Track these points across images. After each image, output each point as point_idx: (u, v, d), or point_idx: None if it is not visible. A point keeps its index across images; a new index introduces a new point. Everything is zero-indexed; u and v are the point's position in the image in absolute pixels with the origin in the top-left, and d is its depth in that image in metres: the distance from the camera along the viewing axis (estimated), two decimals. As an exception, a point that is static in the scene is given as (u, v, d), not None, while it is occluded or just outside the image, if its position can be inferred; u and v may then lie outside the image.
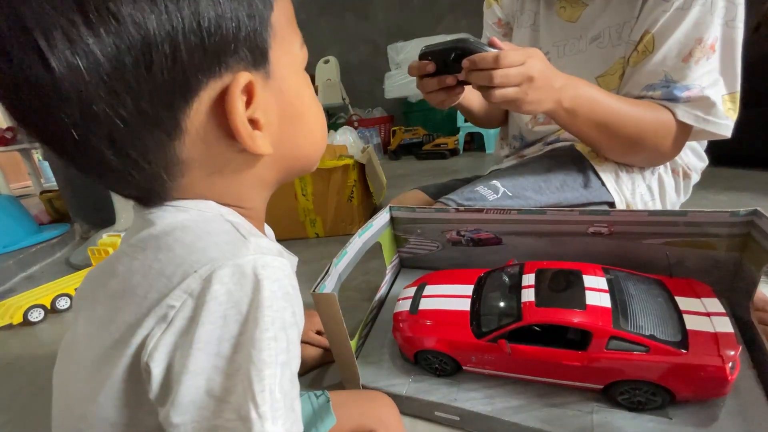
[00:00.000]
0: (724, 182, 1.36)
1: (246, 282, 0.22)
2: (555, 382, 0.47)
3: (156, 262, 0.23)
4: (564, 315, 0.43)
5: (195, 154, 0.24)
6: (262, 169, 0.28)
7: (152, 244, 0.24)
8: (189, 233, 0.24)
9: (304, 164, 0.31)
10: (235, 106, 0.23)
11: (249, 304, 0.22)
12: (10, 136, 2.39)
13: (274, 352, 0.21)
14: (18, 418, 0.66)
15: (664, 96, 0.60)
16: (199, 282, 0.22)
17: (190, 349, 0.21)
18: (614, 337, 0.41)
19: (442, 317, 0.52)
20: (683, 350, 0.40)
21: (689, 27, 0.56)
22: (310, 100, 0.30)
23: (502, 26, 0.86)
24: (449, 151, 2.63)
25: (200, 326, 0.21)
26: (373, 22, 3.47)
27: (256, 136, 0.25)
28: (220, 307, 0.21)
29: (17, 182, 3.99)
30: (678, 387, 0.41)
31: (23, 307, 0.97)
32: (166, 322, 0.22)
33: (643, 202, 0.69)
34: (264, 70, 0.25)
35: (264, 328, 0.21)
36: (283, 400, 0.22)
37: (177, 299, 0.22)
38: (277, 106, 0.26)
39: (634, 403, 0.43)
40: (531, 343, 0.45)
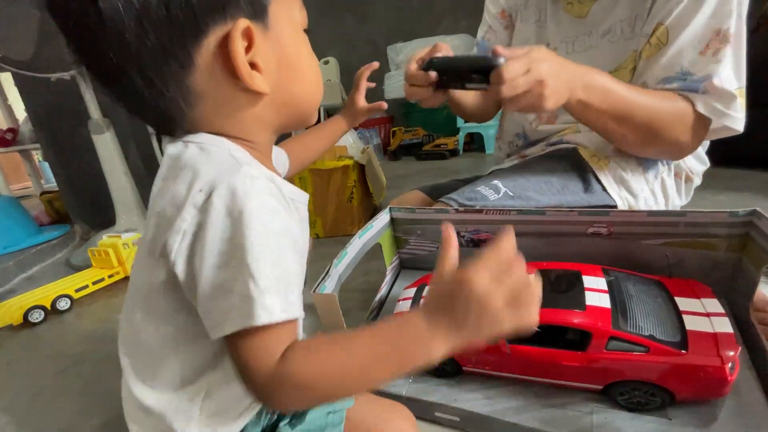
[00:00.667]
0: (724, 182, 1.36)
1: (237, 196, 0.27)
2: (554, 383, 0.47)
3: (174, 186, 0.29)
4: (564, 316, 0.43)
5: (205, 87, 0.29)
6: (263, 108, 0.32)
7: (171, 174, 0.30)
8: (196, 161, 0.29)
9: (301, 112, 0.35)
10: (236, 47, 0.28)
11: (241, 213, 0.26)
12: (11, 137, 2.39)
13: (266, 249, 0.27)
14: (19, 419, 0.66)
15: (682, 88, 0.58)
16: (202, 197, 0.27)
17: (202, 252, 0.27)
18: (614, 337, 0.41)
19: None
20: (683, 351, 0.40)
21: (706, 18, 0.55)
22: (307, 56, 0.34)
23: (504, 18, 0.84)
24: (449, 151, 2.63)
25: (206, 232, 0.26)
26: (373, 23, 3.47)
27: (254, 76, 0.29)
28: (219, 216, 0.27)
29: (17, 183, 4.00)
30: (677, 387, 0.41)
31: (23, 307, 0.97)
32: (180, 234, 0.27)
33: (646, 206, 0.68)
34: (263, 23, 0.30)
35: (256, 230, 0.26)
36: (277, 285, 0.27)
37: (188, 213, 0.27)
38: (275, 55, 0.31)
39: (633, 404, 0.43)
40: (530, 344, 0.45)
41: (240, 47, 0.28)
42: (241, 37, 0.28)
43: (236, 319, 0.26)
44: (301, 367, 0.27)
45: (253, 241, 0.26)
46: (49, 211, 2.14)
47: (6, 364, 0.84)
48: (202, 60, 0.28)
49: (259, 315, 0.26)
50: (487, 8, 0.86)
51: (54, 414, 0.66)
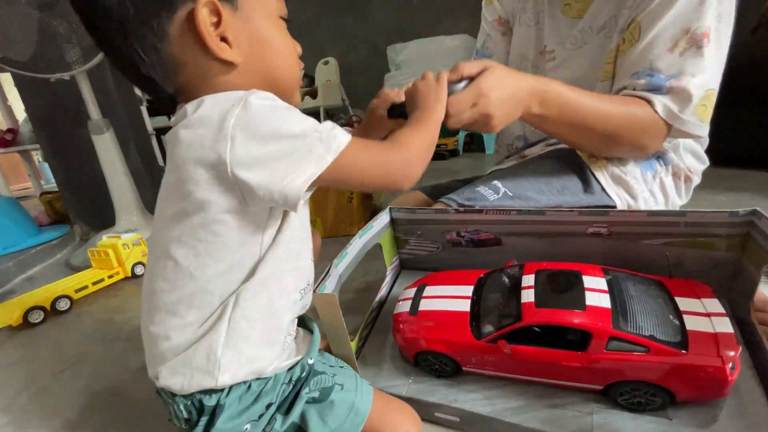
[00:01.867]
0: (724, 182, 1.36)
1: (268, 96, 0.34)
2: (555, 383, 0.47)
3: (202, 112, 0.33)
4: (563, 316, 0.43)
5: (183, 57, 0.35)
6: (239, 77, 0.37)
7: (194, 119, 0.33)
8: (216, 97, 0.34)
9: (279, 83, 0.39)
10: (201, 20, 0.33)
11: (275, 103, 0.34)
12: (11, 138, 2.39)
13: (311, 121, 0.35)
14: (18, 419, 0.66)
15: (648, 85, 0.58)
16: (240, 106, 0.32)
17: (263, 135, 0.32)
18: (614, 337, 0.41)
19: (441, 318, 0.52)
20: (683, 351, 0.40)
21: (676, 16, 0.56)
22: (280, 35, 0.39)
23: (501, 24, 0.86)
24: (449, 151, 2.63)
25: (260, 126, 0.32)
26: (373, 23, 3.48)
27: (223, 48, 0.34)
28: (264, 110, 0.33)
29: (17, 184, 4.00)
30: (678, 388, 0.41)
31: (23, 308, 0.97)
32: (228, 141, 0.31)
33: (646, 207, 0.68)
34: (231, 4, 0.35)
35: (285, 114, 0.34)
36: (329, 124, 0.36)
37: (229, 120, 0.31)
38: (247, 31, 0.36)
39: (634, 404, 0.43)
40: (531, 344, 0.45)
41: (206, 21, 0.33)
42: (209, 12, 0.33)
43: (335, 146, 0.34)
44: (413, 142, 0.42)
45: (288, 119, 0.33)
46: (49, 211, 2.13)
47: (6, 364, 0.84)
48: (176, 32, 0.33)
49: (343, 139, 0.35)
50: (484, 17, 0.88)
51: (54, 414, 0.66)
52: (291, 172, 0.33)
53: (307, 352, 0.42)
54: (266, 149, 0.32)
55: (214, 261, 0.35)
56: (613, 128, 0.59)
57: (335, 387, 0.41)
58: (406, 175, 0.40)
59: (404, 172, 0.40)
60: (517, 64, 0.82)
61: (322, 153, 0.34)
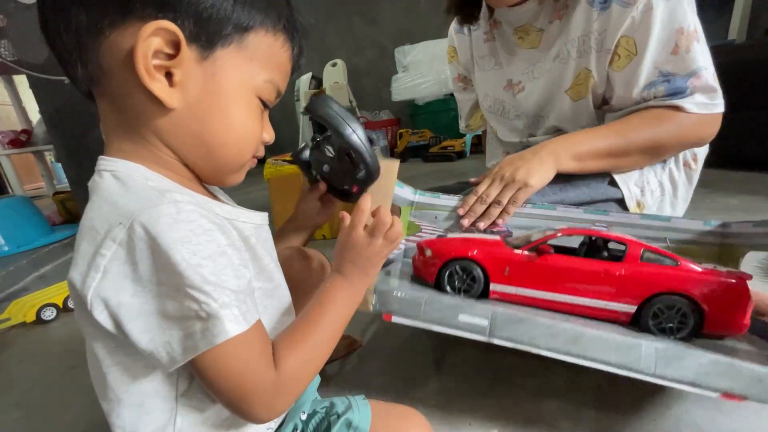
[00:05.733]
0: (736, 185, 1.33)
1: (163, 226, 0.26)
2: (590, 306, 0.46)
3: (89, 221, 0.28)
4: (599, 232, 0.47)
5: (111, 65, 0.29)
6: (165, 124, 0.30)
7: (90, 206, 0.29)
8: (113, 194, 0.28)
9: (214, 157, 0.33)
10: (142, 38, 0.27)
11: (169, 242, 0.25)
12: (25, 139, 2.44)
13: (202, 274, 0.26)
14: (31, 413, 0.68)
15: (669, 90, 0.59)
16: (124, 231, 0.26)
17: (136, 288, 0.26)
18: (647, 250, 0.45)
19: (474, 240, 0.52)
20: (706, 273, 0.43)
21: (664, 23, 0.57)
22: (243, 113, 0.33)
23: (461, 80, 0.93)
24: (456, 153, 2.63)
25: (138, 265, 0.26)
26: (380, 26, 3.49)
27: (156, 78, 0.28)
28: (148, 249, 0.26)
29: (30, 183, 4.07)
30: (707, 301, 0.42)
31: (36, 305, 0.99)
32: (99, 272, 0.26)
33: (653, 199, 0.68)
34: (202, 51, 0.29)
35: (188, 257, 0.26)
36: (232, 295, 0.27)
37: (107, 248, 0.26)
38: (204, 86, 0.30)
39: (665, 330, 0.44)
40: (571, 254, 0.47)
41: (147, 42, 0.27)
42: (163, 41, 0.28)
43: (208, 339, 0.26)
44: (292, 363, 0.31)
45: (188, 269, 0.25)
46: (61, 211, 2.17)
47: (19, 360, 0.86)
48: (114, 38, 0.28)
49: (229, 330, 0.26)
50: (451, 73, 0.95)
51: (65, 408, 0.67)
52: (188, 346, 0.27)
53: (296, 406, 0.39)
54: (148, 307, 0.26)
55: None
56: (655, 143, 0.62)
57: (331, 420, 0.39)
58: (271, 408, 0.30)
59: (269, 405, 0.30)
60: (488, 105, 0.85)
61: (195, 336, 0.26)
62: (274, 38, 0.33)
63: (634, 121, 0.62)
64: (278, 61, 0.34)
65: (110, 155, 0.31)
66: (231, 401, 0.29)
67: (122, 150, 0.31)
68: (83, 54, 0.29)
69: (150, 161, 0.31)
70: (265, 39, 0.32)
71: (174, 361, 0.27)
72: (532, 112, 0.76)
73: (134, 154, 0.30)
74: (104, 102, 0.31)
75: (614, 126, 0.63)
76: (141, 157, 0.30)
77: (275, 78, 0.34)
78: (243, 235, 0.34)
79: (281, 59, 0.34)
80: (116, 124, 0.31)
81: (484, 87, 0.85)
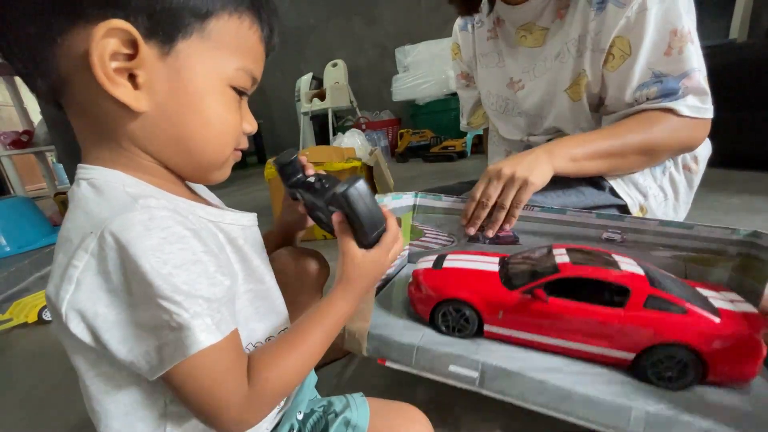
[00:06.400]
0: (738, 185, 1.33)
1: (134, 234, 0.25)
2: (586, 351, 0.44)
3: (66, 231, 0.27)
4: (602, 272, 0.43)
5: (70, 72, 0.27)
6: (138, 129, 0.29)
7: (67, 217, 0.28)
8: (88, 202, 0.27)
9: (193, 156, 0.32)
10: (96, 42, 0.25)
11: (140, 251, 0.24)
12: (26, 140, 2.44)
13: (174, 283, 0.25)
14: (33, 414, 0.68)
15: (661, 91, 0.59)
16: (95, 241, 0.25)
17: (110, 298, 0.25)
18: (652, 295, 0.41)
19: (469, 273, 0.49)
20: (717, 319, 0.40)
21: (658, 23, 0.57)
22: (216, 105, 0.31)
23: (464, 77, 0.94)
24: (457, 153, 2.63)
25: (111, 275, 0.25)
26: (381, 26, 3.49)
27: (119, 84, 0.27)
28: (118, 258, 0.25)
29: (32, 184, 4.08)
30: (713, 356, 0.40)
31: (38, 306, 0.99)
32: (72, 283, 0.25)
33: (656, 203, 0.68)
34: (162, 46, 0.28)
35: (159, 267, 0.25)
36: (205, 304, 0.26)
37: (79, 259, 0.25)
38: (171, 84, 0.29)
39: (663, 379, 0.42)
40: (568, 297, 0.44)
41: (101, 45, 0.25)
42: (119, 42, 0.26)
43: (180, 350, 0.25)
44: (269, 377, 0.29)
45: (159, 278, 0.24)
46: (63, 211, 2.18)
47: (21, 360, 0.86)
48: (68, 45, 0.26)
49: (201, 340, 0.25)
50: (454, 70, 0.95)
51: (68, 410, 0.67)
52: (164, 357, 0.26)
53: (293, 406, 0.39)
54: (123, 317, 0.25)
55: None
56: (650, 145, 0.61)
57: (329, 418, 0.39)
58: (242, 421, 0.29)
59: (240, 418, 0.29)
60: (491, 102, 0.85)
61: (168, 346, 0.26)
62: (239, 21, 0.30)
63: (628, 124, 0.62)
64: (248, 45, 0.31)
65: (88, 163, 0.30)
66: (201, 412, 0.28)
67: (100, 157, 0.30)
68: (40, 66, 0.27)
69: (129, 167, 0.30)
70: (229, 23, 0.30)
71: (154, 370, 0.26)
72: (532, 110, 0.76)
73: (112, 160, 0.30)
74: (72, 112, 0.30)
75: (609, 129, 0.63)
76: (120, 164, 0.29)
77: (247, 64, 0.32)
78: (230, 237, 0.33)
79: (250, 42, 0.32)
80: (89, 133, 0.30)
81: (486, 84, 0.85)
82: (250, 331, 0.34)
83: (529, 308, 0.44)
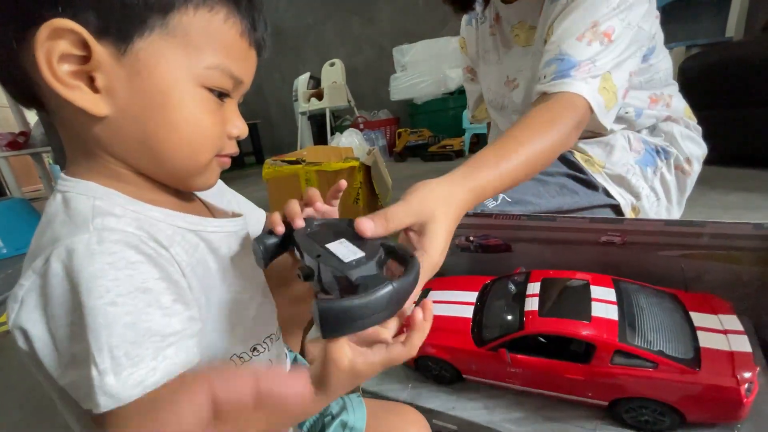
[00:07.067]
0: (734, 182, 1.34)
1: (77, 258, 0.23)
2: (557, 396, 0.45)
3: (31, 245, 0.27)
4: (567, 326, 0.42)
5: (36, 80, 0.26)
6: (103, 132, 0.28)
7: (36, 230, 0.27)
8: (53, 218, 0.26)
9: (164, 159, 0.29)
10: (40, 44, 0.24)
11: (79, 278, 0.23)
12: (23, 141, 2.43)
13: (112, 315, 0.23)
14: (32, 415, 0.67)
15: (558, 72, 0.56)
16: (42, 261, 0.24)
17: (48, 322, 0.24)
18: (619, 351, 0.39)
19: (444, 324, 0.51)
20: (695, 368, 0.38)
21: (582, 12, 0.58)
22: (188, 106, 0.28)
23: (469, 71, 0.95)
24: (455, 152, 2.63)
25: (49, 300, 0.24)
26: (379, 25, 3.48)
27: (72, 87, 0.25)
28: (58, 281, 0.23)
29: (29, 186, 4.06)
30: (688, 408, 0.38)
31: (35, 308, 0.98)
32: (17, 302, 0.24)
33: (649, 203, 0.68)
34: (117, 46, 0.26)
35: (98, 296, 0.23)
36: (127, 356, 0.23)
37: (26, 278, 0.24)
38: (131, 85, 0.27)
39: (640, 423, 0.41)
40: (533, 354, 0.44)
41: (46, 47, 0.24)
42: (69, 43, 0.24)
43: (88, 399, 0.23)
44: None
45: (96, 313, 0.23)
46: (60, 212, 2.16)
47: (19, 362, 0.85)
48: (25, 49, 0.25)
49: (101, 402, 0.22)
50: (462, 63, 0.97)
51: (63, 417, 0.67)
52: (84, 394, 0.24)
53: None
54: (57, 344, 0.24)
55: None
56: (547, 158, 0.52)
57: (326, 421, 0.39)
58: None
59: None
60: (490, 98, 0.87)
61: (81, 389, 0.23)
62: (210, 14, 0.27)
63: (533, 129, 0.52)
64: (222, 41, 0.28)
65: (68, 173, 0.29)
66: None
67: (78, 165, 0.29)
68: (12, 73, 0.27)
69: (102, 175, 0.29)
70: (198, 17, 0.27)
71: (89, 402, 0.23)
72: (520, 109, 0.77)
73: (89, 169, 0.29)
74: (53, 119, 0.29)
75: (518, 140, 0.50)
76: (95, 172, 0.28)
77: (222, 62, 0.28)
78: (212, 247, 0.31)
79: (227, 38, 0.28)
80: (67, 140, 0.29)
81: (487, 80, 0.86)
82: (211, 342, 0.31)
83: (497, 363, 0.46)
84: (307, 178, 1.31)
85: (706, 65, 1.55)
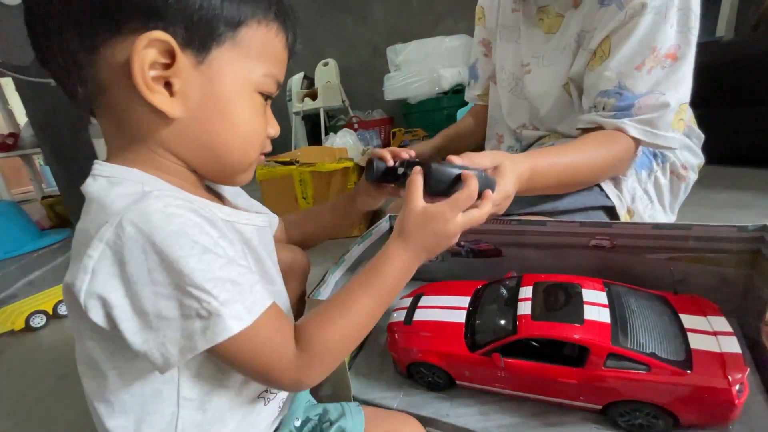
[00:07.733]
0: (726, 181, 1.35)
1: (154, 220, 0.25)
2: (551, 401, 0.45)
3: (83, 223, 0.28)
4: (560, 330, 0.42)
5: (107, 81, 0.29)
6: (170, 134, 0.30)
7: (84, 210, 0.29)
8: (102, 194, 0.28)
9: (221, 160, 0.33)
10: (138, 52, 0.27)
11: (164, 235, 0.25)
12: (12, 142, 2.39)
13: (206, 262, 0.26)
14: (22, 422, 0.66)
15: (617, 105, 0.58)
16: (111, 230, 0.25)
17: (128, 288, 0.25)
18: (613, 354, 0.39)
19: (436, 329, 0.50)
20: (687, 370, 0.38)
21: (643, 34, 0.56)
22: (244, 111, 0.32)
23: (485, 45, 0.90)
24: (450, 152, 2.63)
25: (126, 264, 0.25)
26: (372, 25, 3.48)
27: (156, 91, 0.28)
28: (139, 244, 0.25)
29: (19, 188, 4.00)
30: (681, 410, 0.39)
31: (25, 312, 0.97)
32: (88, 273, 0.25)
33: (642, 206, 0.68)
34: (197, 55, 0.29)
35: (189, 248, 0.25)
36: (234, 287, 0.27)
37: (94, 249, 0.25)
38: (204, 91, 0.30)
39: (635, 426, 0.41)
40: (526, 358, 0.43)
41: (142, 55, 0.27)
42: (157, 52, 0.27)
43: (210, 337, 0.26)
44: (323, 339, 0.31)
45: (188, 259, 0.25)
46: (51, 215, 2.14)
47: (8, 369, 0.84)
48: (109, 54, 0.28)
49: (231, 327, 0.26)
50: (476, 35, 0.91)
51: (56, 418, 0.66)
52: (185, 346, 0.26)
53: (290, 413, 0.39)
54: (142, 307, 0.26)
55: None
56: (596, 172, 0.61)
57: (324, 426, 0.39)
58: (298, 381, 0.31)
59: (297, 378, 0.30)
60: (503, 78, 0.84)
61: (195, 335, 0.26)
62: (266, 28, 0.32)
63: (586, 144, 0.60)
64: (274, 52, 0.33)
65: (110, 162, 0.31)
66: (257, 378, 0.31)
67: (122, 158, 0.31)
68: (81, 73, 0.29)
69: (151, 167, 0.31)
70: (258, 31, 0.31)
71: (168, 363, 0.26)
72: (531, 97, 0.76)
73: (134, 161, 0.30)
74: (106, 118, 0.31)
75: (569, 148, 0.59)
76: (140, 163, 0.30)
77: (273, 70, 0.33)
78: (245, 238, 0.34)
79: (276, 49, 0.33)
80: (119, 138, 0.31)
81: (501, 59, 0.82)
82: None
83: (490, 368, 0.46)
84: (301, 179, 1.30)
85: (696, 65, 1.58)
